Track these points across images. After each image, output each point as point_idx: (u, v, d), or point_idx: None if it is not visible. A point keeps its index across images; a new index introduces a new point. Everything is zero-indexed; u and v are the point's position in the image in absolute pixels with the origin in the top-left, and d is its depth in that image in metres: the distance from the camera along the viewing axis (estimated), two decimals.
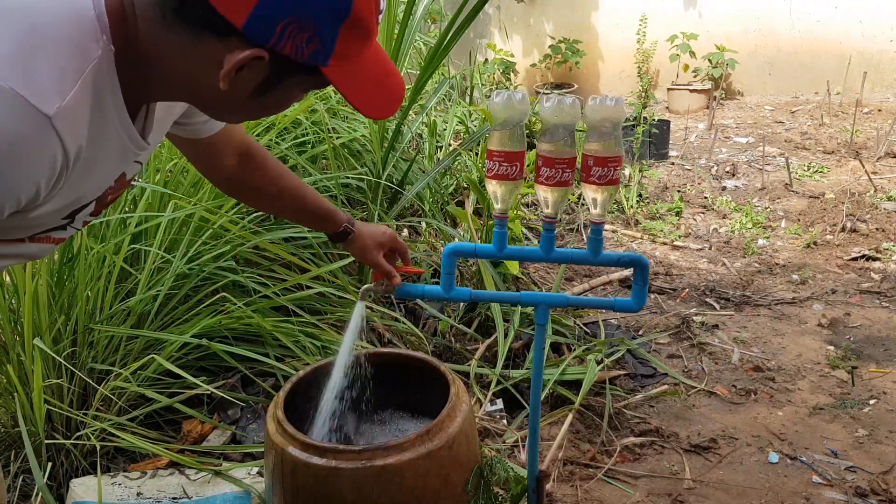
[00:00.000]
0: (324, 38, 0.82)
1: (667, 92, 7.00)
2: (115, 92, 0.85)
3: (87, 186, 0.91)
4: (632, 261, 1.41)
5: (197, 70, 0.85)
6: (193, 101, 0.94)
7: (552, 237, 1.39)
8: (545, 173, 1.32)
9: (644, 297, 1.42)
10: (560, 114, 1.30)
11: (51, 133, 0.77)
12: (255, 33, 0.80)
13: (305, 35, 0.81)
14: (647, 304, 3.19)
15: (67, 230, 0.99)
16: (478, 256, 1.47)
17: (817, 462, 2.16)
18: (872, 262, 3.57)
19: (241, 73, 0.83)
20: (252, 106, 0.92)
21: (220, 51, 0.81)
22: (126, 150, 0.92)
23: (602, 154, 1.30)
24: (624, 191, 4.32)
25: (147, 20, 0.83)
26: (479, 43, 7.69)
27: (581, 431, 2.27)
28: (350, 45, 0.85)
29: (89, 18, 0.81)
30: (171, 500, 1.79)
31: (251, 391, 2.18)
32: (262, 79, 0.85)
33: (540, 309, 1.46)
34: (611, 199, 1.35)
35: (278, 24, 0.79)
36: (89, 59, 0.80)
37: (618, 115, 1.30)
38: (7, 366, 1.94)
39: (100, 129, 0.85)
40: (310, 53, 0.83)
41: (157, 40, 0.83)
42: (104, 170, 0.92)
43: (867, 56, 6.62)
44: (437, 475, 1.36)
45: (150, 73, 0.86)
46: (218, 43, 0.81)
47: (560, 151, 1.31)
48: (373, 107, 0.92)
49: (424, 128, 3.36)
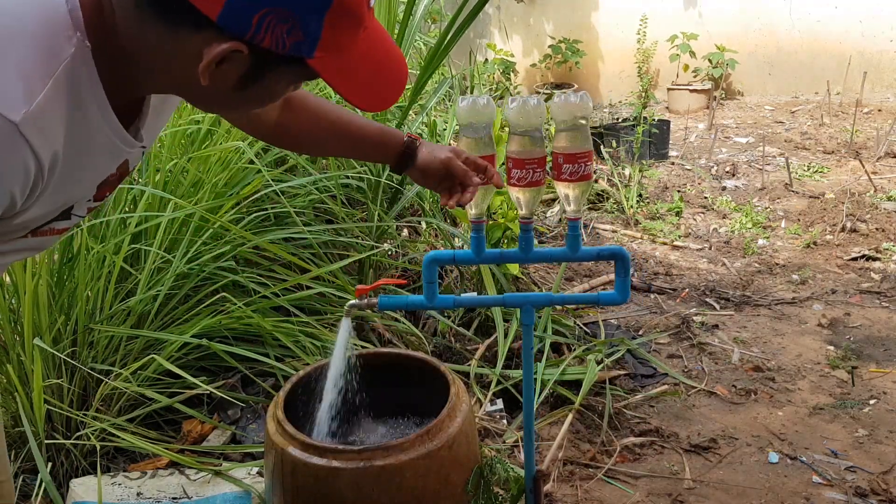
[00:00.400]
0: (306, 28, 0.78)
1: (667, 92, 7.00)
2: (95, 89, 0.81)
3: (75, 188, 0.88)
4: (612, 254, 1.41)
5: (178, 64, 0.81)
6: (180, 93, 0.91)
7: (530, 237, 1.39)
8: (516, 175, 1.31)
9: (628, 289, 1.42)
10: (525, 114, 1.29)
11: (19, 140, 0.74)
12: (232, 25, 0.76)
13: (286, 26, 0.77)
14: (647, 304, 3.20)
15: (71, 219, 0.95)
16: (457, 263, 1.46)
17: (817, 462, 2.16)
18: (872, 262, 3.57)
19: (221, 66, 0.79)
20: (235, 100, 0.87)
21: (199, 44, 0.78)
22: (114, 147, 0.88)
23: (571, 150, 1.29)
24: (624, 191, 4.32)
25: (124, 13, 0.79)
26: (479, 43, 7.68)
27: (581, 431, 2.27)
28: (338, 34, 0.80)
29: (61, 14, 0.77)
30: (171, 500, 1.79)
31: (251, 391, 2.18)
32: (242, 72, 0.81)
33: (525, 309, 1.45)
34: (585, 195, 1.34)
35: (254, 15, 0.75)
36: (61, 58, 0.77)
37: (583, 110, 1.29)
38: (7, 366, 1.94)
39: (81, 130, 0.81)
40: (292, 45, 0.78)
41: (135, 34, 0.80)
42: (93, 169, 0.89)
43: (867, 56, 6.62)
44: (437, 475, 1.36)
45: (133, 67, 0.83)
46: (196, 36, 0.77)
47: (529, 152, 1.30)
48: (368, 99, 0.87)
49: (424, 128, 3.36)
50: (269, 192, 2.38)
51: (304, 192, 2.57)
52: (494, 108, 1.32)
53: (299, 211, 2.47)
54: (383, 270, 2.69)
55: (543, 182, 1.33)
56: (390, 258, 2.76)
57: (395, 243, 2.82)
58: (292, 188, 2.52)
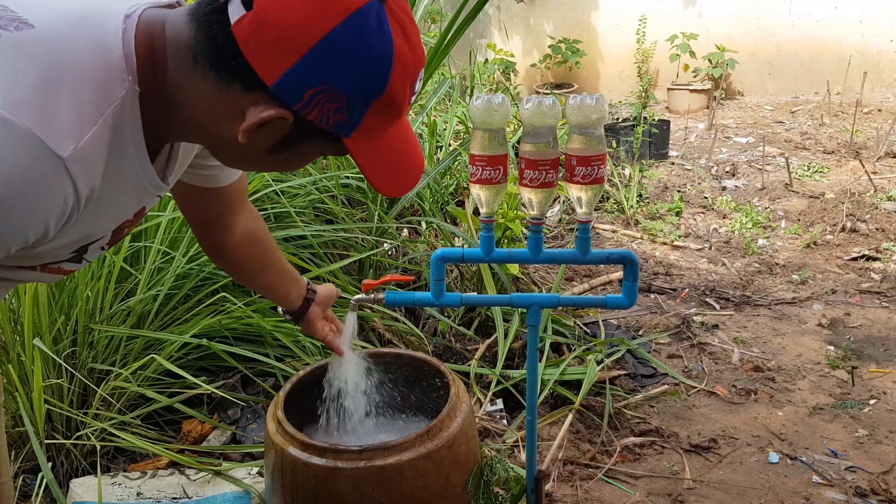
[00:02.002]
0: (352, 111, 0.81)
1: (667, 92, 7.00)
2: (136, 132, 0.83)
3: (99, 223, 0.90)
4: (621, 257, 1.40)
5: (218, 118, 0.84)
6: (208, 145, 0.93)
7: (540, 238, 1.39)
8: (528, 175, 1.31)
9: (635, 294, 1.41)
10: (541, 115, 1.29)
11: (64, 175, 0.76)
12: (284, 95, 0.79)
13: (334, 105, 0.80)
14: (647, 304, 3.20)
15: (81, 263, 0.97)
16: (466, 261, 1.46)
17: (817, 462, 2.16)
18: (872, 262, 3.57)
19: (262, 129, 0.82)
20: (265, 161, 0.91)
21: (245, 103, 0.81)
22: (144, 189, 0.91)
23: (585, 153, 1.29)
24: (624, 191, 4.32)
25: (177, 63, 0.82)
26: (479, 43, 7.69)
27: (581, 431, 2.27)
28: (377, 122, 0.84)
29: (116, 58, 0.80)
30: (171, 500, 1.79)
31: (251, 391, 2.18)
32: (280, 137, 0.84)
33: (532, 310, 1.45)
34: (596, 198, 1.34)
35: (309, 90, 0.79)
36: (112, 100, 0.79)
37: (599, 113, 1.29)
38: (7, 366, 1.94)
39: (117, 168, 0.83)
40: (335, 123, 0.82)
41: (183, 84, 0.83)
42: (119, 207, 0.91)
43: (867, 56, 6.62)
44: (437, 475, 1.36)
45: (173, 115, 0.85)
46: (244, 95, 0.80)
47: (543, 153, 1.30)
48: (389, 184, 0.91)
49: (424, 128, 3.36)
50: (269, 192, 2.38)
51: (304, 192, 2.57)
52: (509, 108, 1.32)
53: (299, 211, 2.47)
54: (383, 270, 2.69)
55: (556, 184, 1.33)
56: (390, 258, 2.76)
57: (394, 243, 2.82)
58: (292, 188, 2.52)
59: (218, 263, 1.44)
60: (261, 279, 1.41)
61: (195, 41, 0.80)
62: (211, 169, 1.13)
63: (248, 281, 1.48)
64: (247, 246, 1.32)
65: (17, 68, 0.74)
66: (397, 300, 1.48)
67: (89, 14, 0.81)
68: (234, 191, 1.20)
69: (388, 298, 1.46)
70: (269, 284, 1.41)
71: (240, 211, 1.27)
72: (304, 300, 1.44)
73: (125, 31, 0.81)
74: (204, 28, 0.80)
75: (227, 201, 1.22)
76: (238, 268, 1.38)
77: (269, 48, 0.77)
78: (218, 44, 0.79)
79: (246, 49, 0.78)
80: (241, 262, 1.34)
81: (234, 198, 1.22)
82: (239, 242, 1.30)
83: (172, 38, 0.82)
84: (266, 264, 1.38)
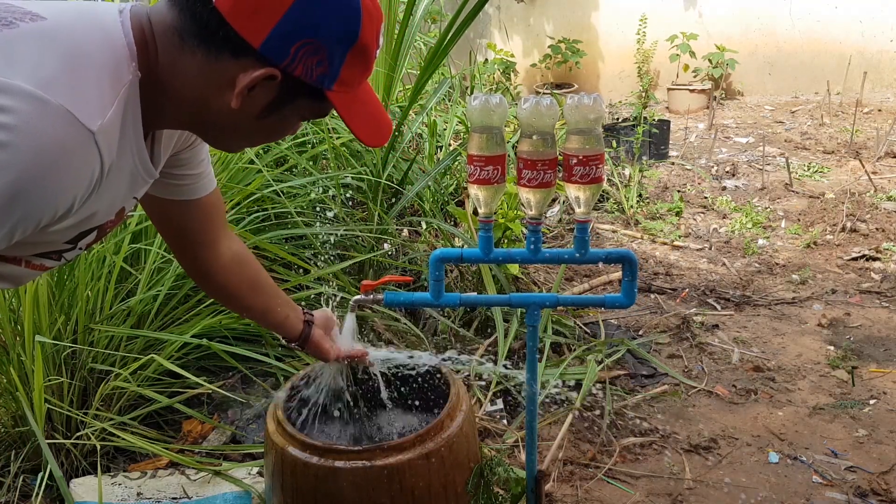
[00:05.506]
0: (332, 61, 0.88)
1: (667, 92, 7.00)
2: (136, 116, 0.89)
3: (101, 205, 0.92)
4: (620, 257, 1.40)
5: (209, 91, 0.89)
6: (199, 124, 0.97)
7: (538, 238, 1.38)
8: (527, 175, 1.31)
9: (634, 293, 1.41)
10: (538, 115, 1.29)
11: (93, 148, 0.81)
12: (271, 53, 0.85)
13: (316, 58, 0.87)
14: (647, 304, 3.20)
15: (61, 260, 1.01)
16: (465, 262, 1.46)
17: (817, 462, 2.16)
18: (872, 262, 3.57)
19: (253, 92, 0.88)
20: (255, 129, 0.96)
21: (235, 71, 0.86)
22: (136, 173, 0.95)
23: (583, 152, 1.29)
24: (624, 191, 4.32)
25: (165, 46, 0.88)
26: (479, 43, 7.69)
27: (581, 431, 2.27)
28: (353, 72, 0.91)
29: (120, 46, 0.86)
30: (171, 500, 1.79)
31: (251, 391, 2.18)
32: (270, 99, 0.90)
33: (531, 310, 1.45)
34: (594, 198, 1.34)
35: (293, 45, 0.85)
36: (123, 83, 0.85)
37: (596, 113, 1.28)
38: (7, 366, 1.94)
39: (121, 149, 0.88)
40: (318, 75, 0.88)
41: (174, 64, 0.88)
42: (116, 191, 0.94)
43: (867, 56, 6.62)
44: (437, 475, 1.36)
45: (164, 97, 0.90)
46: (233, 63, 0.86)
47: (541, 153, 1.30)
48: (370, 134, 0.97)
49: (424, 128, 3.36)
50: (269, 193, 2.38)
51: (304, 192, 2.57)
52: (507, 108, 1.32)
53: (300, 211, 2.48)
54: (383, 270, 2.69)
55: (554, 183, 1.32)
56: (390, 258, 2.77)
57: (394, 243, 2.82)
58: (292, 188, 2.52)
59: (207, 290, 1.41)
60: (256, 302, 1.38)
61: (180, 21, 0.86)
62: (183, 178, 1.15)
63: (241, 305, 1.40)
64: (236, 268, 1.32)
65: (42, 53, 0.80)
66: (396, 301, 1.47)
67: (87, 10, 0.88)
68: (208, 205, 1.21)
69: (387, 299, 1.46)
70: (264, 308, 1.39)
71: (220, 230, 1.28)
72: (305, 323, 1.43)
73: (123, 24, 0.88)
74: (187, 8, 0.86)
75: (203, 216, 1.22)
76: (230, 290, 1.35)
77: (253, 12, 0.83)
78: (203, 19, 0.85)
79: (231, 18, 0.83)
80: (233, 284, 1.33)
81: (210, 211, 1.23)
82: (227, 264, 1.30)
83: (158, 24, 0.88)
84: (259, 286, 1.37)
